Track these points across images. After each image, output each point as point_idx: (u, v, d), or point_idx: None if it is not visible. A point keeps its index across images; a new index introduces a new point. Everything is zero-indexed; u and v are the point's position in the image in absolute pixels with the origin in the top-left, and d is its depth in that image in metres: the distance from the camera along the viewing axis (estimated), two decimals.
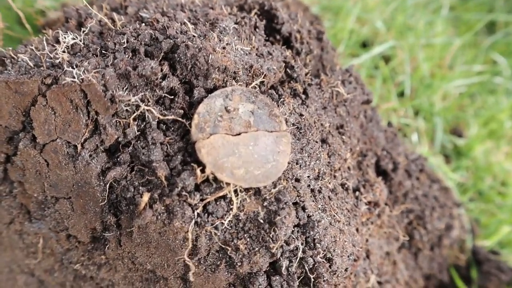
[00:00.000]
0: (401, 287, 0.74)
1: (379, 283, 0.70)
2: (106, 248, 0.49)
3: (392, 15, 1.34)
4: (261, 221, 0.44)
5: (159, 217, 0.43)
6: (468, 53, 1.35)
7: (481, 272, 0.96)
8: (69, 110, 0.43)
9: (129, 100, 0.42)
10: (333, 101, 0.62)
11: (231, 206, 0.43)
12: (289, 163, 0.47)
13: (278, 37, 0.63)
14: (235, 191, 0.43)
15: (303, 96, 0.57)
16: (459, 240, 0.91)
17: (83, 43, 0.48)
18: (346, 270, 0.50)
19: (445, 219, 0.81)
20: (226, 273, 0.46)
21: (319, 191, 0.51)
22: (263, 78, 0.53)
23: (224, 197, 0.43)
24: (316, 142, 0.53)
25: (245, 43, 0.54)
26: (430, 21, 1.37)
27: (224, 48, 0.48)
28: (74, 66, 0.43)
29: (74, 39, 0.47)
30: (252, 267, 0.45)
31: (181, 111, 0.44)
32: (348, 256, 0.50)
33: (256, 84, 0.52)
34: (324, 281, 0.46)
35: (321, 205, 0.50)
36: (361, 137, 0.69)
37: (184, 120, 0.44)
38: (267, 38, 0.63)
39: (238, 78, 0.49)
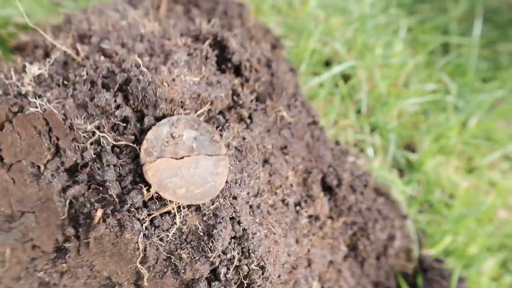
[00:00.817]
0: None
1: None
2: (67, 257, 0.54)
3: (354, 36, 1.43)
4: (201, 233, 0.51)
5: (112, 230, 0.49)
6: (422, 73, 1.45)
7: (426, 279, 1.04)
8: (33, 135, 0.49)
9: (86, 128, 0.48)
10: (277, 124, 0.69)
11: (174, 221, 0.50)
12: (227, 182, 0.54)
13: (229, 65, 0.70)
14: (178, 207, 0.50)
15: (248, 121, 0.64)
16: (403, 249, 0.99)
17: (48, 73, 0.54)
18: (279, 276, 0.56)
19: (387, 230, 0.89)
20: (173, 279, 0.52)
21: (258, 207, 0.58)
22: (210, 105, 0.60)
23: (169, 212, 0.50)
24: (256, 163, 0.60)
25: (196, 73, 0.61)
26: (389, 41, 1.46)
27: (173, 80, 0.55)
28: (38, 97, 0.49)
29: (39, 69, 0.53)
30: (194, 273, 0.52)
31: (133, 137, 0.51)
32: (282, 265, 0.57)
33: (204, 111, 0.58)
34: (258, 286, 0.53)
35: (259, 219, 0.57)
36: (306, 156, 0.76)
37: (135, 145, 0.50)
38: (219, 66, 0.70)
39: (186, 106, 0.55)
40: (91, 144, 0.49)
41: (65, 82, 0.52)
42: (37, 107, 0.48)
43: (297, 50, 1.38)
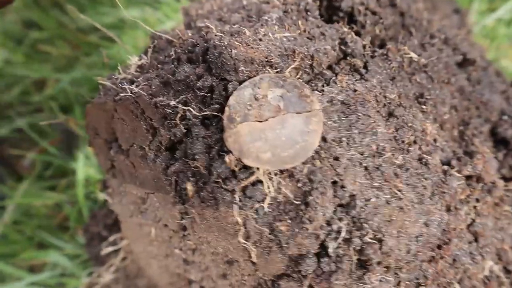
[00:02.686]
0: None
1: (509, 271, 0.60)
2: (188, 234, 0.56)
3: None
4: (297, 202, 0.44)
5: (208, 204, 0.47)
6: None
7: None
8: (133, 119, 0.52)
9: (169, 104, 0.48)
10: (406, 69, 0.56)
11: (267, 189, 0.45)
12: (326, 141, 0.46)
13: (341, 14, 0.61)
14: (269, 174, 0.45)
15: (363, 71, 0.54)
16: None
17: (149, 61, 0.56)
18: (409, 252, 0.45)
19: None
20: (280, 254, 0.48)
21: (377, 168, 0.48)
22: (311, 60, 0.53)
23: (261, 181, 0.45)
24: (370, 116, 0.49)
25: (292, 29, 0.55)
26: None
27: (259, 39, 0.50)
28: (131, 83, 0.51)
29: (141, 59, 0.56)
30: (300, 248, 0.46)
31: (218, 106, 0.48)
32: (415, 237, 0.46)
33: (304, 66, 0.52)
34: (376, 263, 0.43)
35: (378, 183, 0.47)
36: (459, 103, 0.60)
37: (220, 114, 0.48)
38: (329, 18, 0.62)
39: (276, 65, 0.50)
40: (181, 119, 0.49)
41: (158, 65, 0.54)
42: (127, 92, 0.50)
43: None
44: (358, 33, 0.60)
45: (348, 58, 0.55)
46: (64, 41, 1.51)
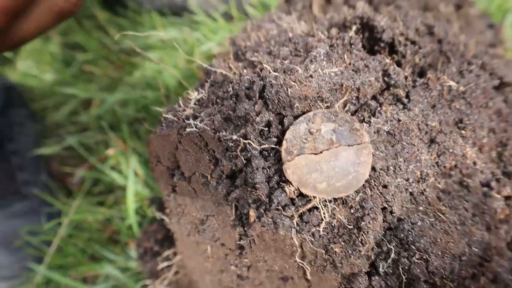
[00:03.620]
0: None
1: None
2: (245, 253, 0.61)
3: None
4: (350, 226, 0.49)
5: (268, 228, 0.53)
6: None
7: None
8: (197, 151, 0.58)
9: (231, 138, 0.53)
10: (445, 96, 0.60)
11: (323, 215, 0.50)
12: (375, 170, 0.50)
13: (382, 45, 0.66)
14: (324, 202, 0.50)
15: (406, 100, 0.59)
16: None
17: (207, 95, 0.62)
18: (452, 271, 0.49)
19: None
20: (333, 273, 0.52)
21: (422, 193, 0.52)
22: (357, 92, 0.58)
23: (317, 208, 0.50)
24: (414, 145, 0.54)
25: (338, 63, 0.60)
26: None
27: (310, 76, 0.55)
28: (194, 118, 0.57)
29: (200, 93, 0.62)
30: (352, 268, 0.50)
31: (276, 139, 0.54)
32: (458, 257, 0.50)
33: (346, 100, 0.57)
34: (423, 281, 0.48)
35: (423, 207, 0.51)
36: (496, 126, 0.64)
37: (277, 147, 0.53)
38: (371, 49, 0.66)
39: (326, 99, 0.55)
40: (241, 151, 0.54)
41: (217, 100, 0.59)
42: (193, 127, 0.56)
43: (498, 0, 1.16)
44: (399, 63, 0.64)
45: (391, 88, 0.59)
46: (107, 62, 1.61)
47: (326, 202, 0.50)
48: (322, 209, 0.49)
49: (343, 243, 0.50)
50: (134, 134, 1.37)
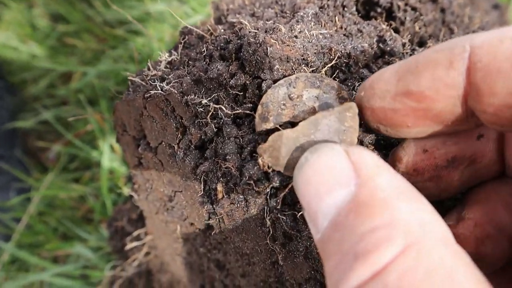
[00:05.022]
0: None
1: None
2: (214, 234, 0.55)
3: None
4: None
5: (238, 205, 0.46)
6: None
7: None
8: (163, 117, 0.51)
9: (201, 102, 0.47)
10: None
11: None
12: (363, 144, 0.44)
13: (379, 10, 0.59)
14: None
15: None
16: None
17: (180, 57, 0.55)
18: None
19: None
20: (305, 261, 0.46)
21: None
22: (348, 58, 0.51)
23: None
24: None
25: (328, 26, 0.53)
26: None
27: (295, 37, 0.49)
28: (162, 80, 0.51)
29: (172, 55, 0.55)
30: None
31: (251, 105, 0.47)
32: None
33: (340, 64, 0.50)
34: None
35: None
36: None
37: (252, 113, 0.46)
38: (367, 14, 0.60)
39: (312, 63, 0.48)
40: (212, 118, 0.48)
41: (189, 62, 0.53)
42: (159, 90, 0.49)
43: None
44: (396, 30, 0.58)
45: (386, 56, 0.53)
46: (91, 35, 1.53)
47: None
48: None
49: None
50: (113, 109, 1.30)
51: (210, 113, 0.48)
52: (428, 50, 0.34)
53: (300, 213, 0.44)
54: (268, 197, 0.45)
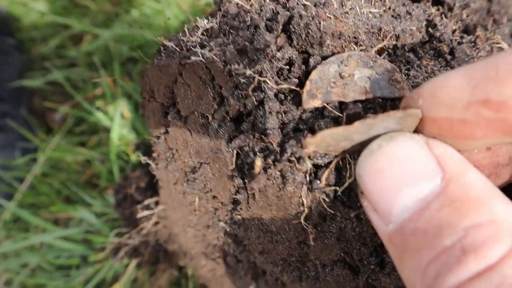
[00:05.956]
0: None
1: None
2: (239, 209, 0.54)
3: None
4: None
5: (274, 182, 0.45)
6: None
7: None
8: (200, 86, 0.49)
9: (244, 73, 0.45)
10: None
11: (346, 176, 0.42)
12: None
13: None
14: (348, 163, 0.42)
15: (449, 57, 0.51)
16: None
17: (219, 26, 0.53)
18: None
19: None
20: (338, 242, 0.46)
21: None
22: (396, 40, 0.50)
23: (338, 166, 0.43)
24: None
25: (377, 4, 0.51)
26: None
27: (345, 13, 0.47)
28: (202, 47, 0.49)
29: (210, 22, 0.53)
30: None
31: (297, 80, 0.45)
32: None
33: (385, 46, 0.49)
34: None
35: None
36: None
37: (298, 89, 0.45)
38: None
39: (361, 42, 0.47)
40: (253, 91, 0.46)
41: (231, 31, 0.51)
42: (199, 56, 0.47)
43: None
44: (442, 15, 0.56)
45: (434, 42, 0.51)
46: None
47: (350, 163, 0.42)
48: (347, 169, 0.42)
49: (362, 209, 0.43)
50: (126, 74, 1.27)
51: (252, 86, 0.46)
52: (506, 54, 0.32)
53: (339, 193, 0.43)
54: (308, 176, 0.43)
